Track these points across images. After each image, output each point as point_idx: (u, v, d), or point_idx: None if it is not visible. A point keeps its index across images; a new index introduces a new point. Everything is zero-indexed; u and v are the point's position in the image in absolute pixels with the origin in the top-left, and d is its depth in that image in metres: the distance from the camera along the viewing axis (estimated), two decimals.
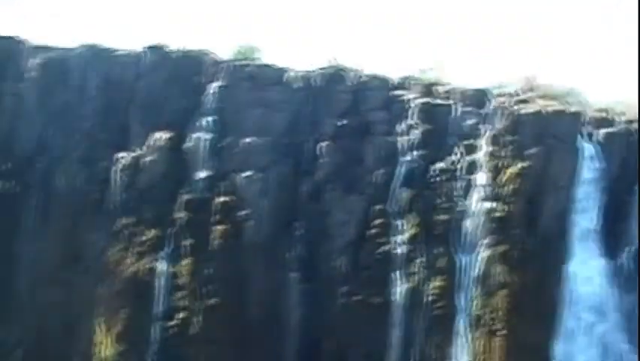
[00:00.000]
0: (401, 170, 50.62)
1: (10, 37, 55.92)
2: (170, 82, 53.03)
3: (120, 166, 51.37)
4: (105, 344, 49.89)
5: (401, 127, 51.23)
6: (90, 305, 50.33)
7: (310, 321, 49.89)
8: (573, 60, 68.52)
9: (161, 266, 49.82)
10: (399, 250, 49.56)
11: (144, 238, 50.26)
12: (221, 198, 50.26)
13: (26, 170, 53.04)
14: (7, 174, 52.93)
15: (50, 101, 53.96)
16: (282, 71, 53.14)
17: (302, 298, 50.09)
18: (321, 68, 53.33)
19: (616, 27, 73.11)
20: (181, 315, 49.14)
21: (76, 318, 50.67)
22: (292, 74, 52.90)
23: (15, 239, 52.08)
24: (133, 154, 51.47)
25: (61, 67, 54.36)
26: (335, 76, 52.79)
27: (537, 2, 74.83)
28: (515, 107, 50.77)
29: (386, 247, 49.73)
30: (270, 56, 55.38)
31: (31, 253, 51.96)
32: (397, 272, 49.36)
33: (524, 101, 51.76)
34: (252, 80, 52.44)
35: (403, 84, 53.43)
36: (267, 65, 53.56)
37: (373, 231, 50.13)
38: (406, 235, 49.64)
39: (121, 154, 51.54)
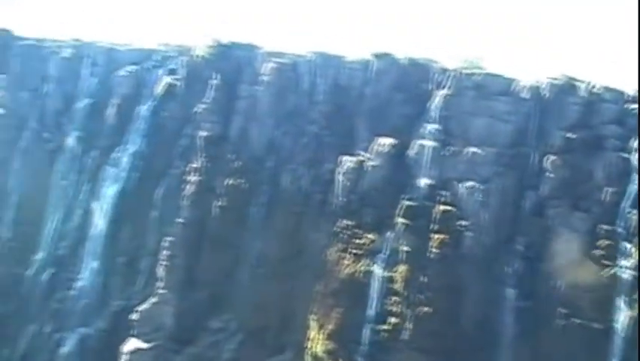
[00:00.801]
0: (633, 189, 47.48)
1: (248, 44, 59.95)
2: (396, 89, 53.72)
3: (344, 169, 52.46)
4: (317, 340, 51.22)
5: (635, 143, 48.07)
6: (306, 301, 51.99)
7: (524, 340, 48.05)
8: None
9: (377, 270, 50.17)
10: (625, 275, 46.33)
11: (363, 240, 50.96)
12: (442, 207, 49.76)
13: (256, 168, 55.97)
14: (239, 171, 56.04)
15: (281, 104, 56.72)
16: (509, 80, 51.82)
17: (517, 315, 48.39)
18: (550, 79, 51.56)
19: None
20: (393, 320, 49.20)
21: (292, 312, 52.75)
22: (520, 84, 51.49)
23: (242, 233, 55.14)
24: (357, 158, 52.46)
25: (292, 72, 57.07)
26: (566, 87, 50.56)
27: None
28: None
29: (611, 271, 46.81)
30: (496, 65, 54.49)
31: (256, 246, 54.84)
32: (622, 298, 46.18)
33: None
34: (479, 89, 51.53)
35: (638, 97, 50.34)
36: (494, 75, 52.41)
37: (598, 252, 47.21)
38: (634, 260, 46.26)
39: (345, 157, 52.70)
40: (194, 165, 57.23)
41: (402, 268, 49.72)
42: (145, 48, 65.52)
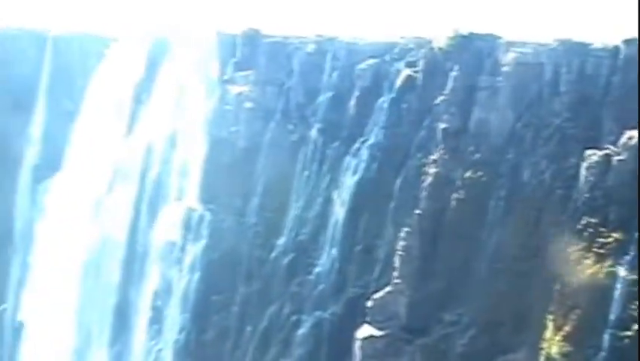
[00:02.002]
0: None
1: (488, 34, 58.64)
2: None
3: (589, 163, 49.53)
4: (553, 341, 49.20)
5: None
6: (543, 300, 49.95)
7: None
8: None
9: (622, 272, 46.71)
10: None
11: (607, 239, 47.85)
12: None
13: (496, 161, 54.74)
14: (479, 163, 55.21)
15: (522, 95, 54.93)
16: None
17: None
18: None
19: None
20: (636, 327, 45.67)
21: (527, 310, 51.00)
22: None
23: (480, 226, 54.24)
24: (603, 152, 49.44)
25: (534, 61, 55.03)
26: None
27: None
28: None
29: None
30: None
31: (493, 241, 53.71)
32: None
33: None
34: None
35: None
36: None
37: None
38: None
39: (590, 151, 49.81)
40: (433, 157, 57.19)
41: None
42: (385, 41, 66.53)
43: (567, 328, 48.41)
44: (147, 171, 74.40)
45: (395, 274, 56.73)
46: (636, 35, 51.29)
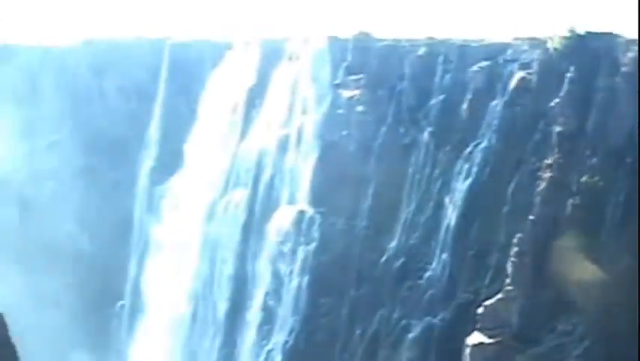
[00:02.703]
0: None
1: (606, 33, 56.47)
2: None
3: None
4: None
5: None
6: None
7: None
8: None
9: None
10: None
11: None
12: None
13: (614, 165, 52.69)
14: (596, 168, 53.27)
15: None
16: None
17: None
18: None
19: None
20: None
21: None
22: None
23: (597, 233, 52.32)
24: None
25: None
26: None
27: None
28: None
29: None
30: None
31: (611, 249, 51.62)
32: None
33: None
34: None
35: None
36: None
37: None
38: None
39: None
40: (548, 161, 55.48)
41: None
42: (498, 42, 65.19)
43: None
44: (260, 174, 75.71)
45: (507, 280, 55.38)
46: None
